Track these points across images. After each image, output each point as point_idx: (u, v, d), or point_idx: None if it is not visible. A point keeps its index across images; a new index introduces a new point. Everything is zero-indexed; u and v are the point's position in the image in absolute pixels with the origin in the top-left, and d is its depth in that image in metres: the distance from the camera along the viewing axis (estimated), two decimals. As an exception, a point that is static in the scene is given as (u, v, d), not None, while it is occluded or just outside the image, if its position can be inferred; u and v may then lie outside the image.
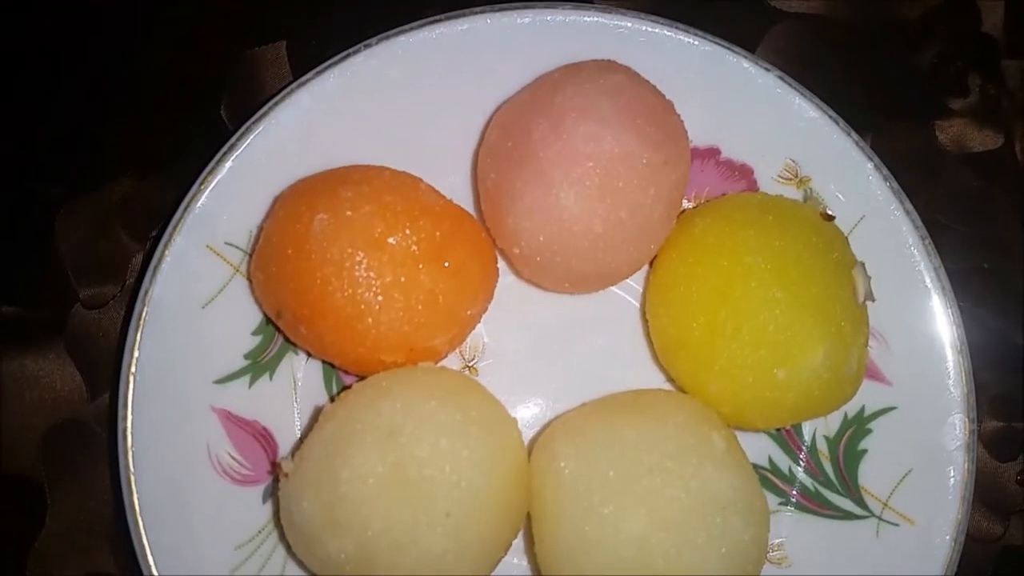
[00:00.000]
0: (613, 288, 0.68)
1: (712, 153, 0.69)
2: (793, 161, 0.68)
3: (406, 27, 0.66)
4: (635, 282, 0.68)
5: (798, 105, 0.68)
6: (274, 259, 0.59)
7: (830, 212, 0.63)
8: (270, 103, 0.65)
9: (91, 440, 0.69)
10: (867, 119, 0.76)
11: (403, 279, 0.57)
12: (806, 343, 0.56)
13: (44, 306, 0.71)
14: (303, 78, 0.66)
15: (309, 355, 0.65)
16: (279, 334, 0.64)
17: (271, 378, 0.64)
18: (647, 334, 0.66)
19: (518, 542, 0.61)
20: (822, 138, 0.67)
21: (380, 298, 0.56)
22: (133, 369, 0.60)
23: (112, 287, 0.72)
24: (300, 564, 0.59)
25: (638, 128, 0.58)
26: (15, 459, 0.68)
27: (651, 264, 0.65)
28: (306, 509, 0.53)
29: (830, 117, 0.67)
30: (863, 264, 0.61)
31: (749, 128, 0.68)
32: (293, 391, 0.65)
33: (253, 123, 0.65)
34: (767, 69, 0.68)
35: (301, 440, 0.63)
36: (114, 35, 0.77)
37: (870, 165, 0.67)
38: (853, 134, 0.67)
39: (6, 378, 0.70)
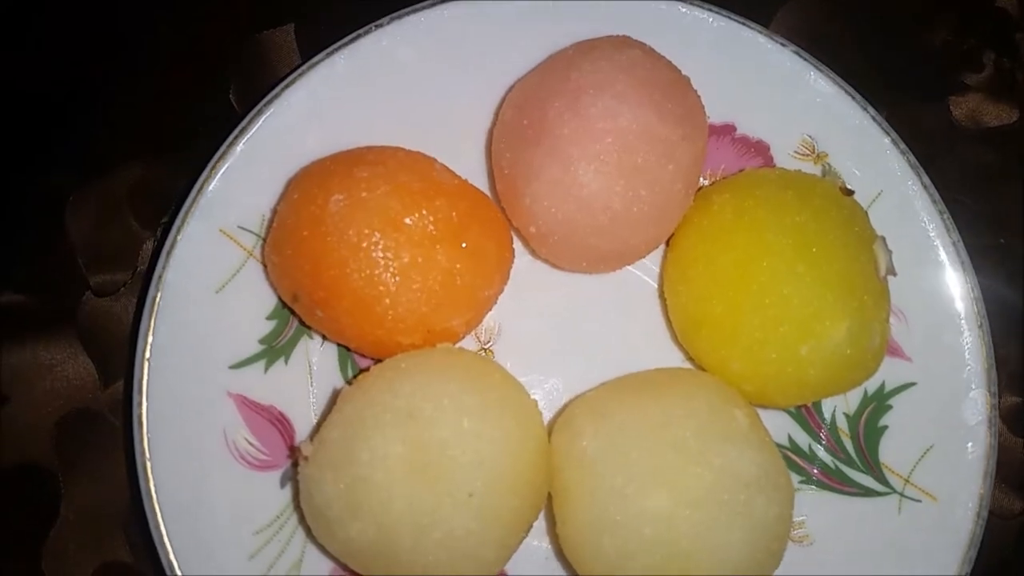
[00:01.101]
0: (629, 267, 0.67)
1: (728, 130, 0.68)
2: (810, 137, 0.68)
3: (417, 6, 0.66)
4: (651, 262, 0.67)
5: (814, 80, 0.67)
6: (289, 242, 0.58)
7: (849, 187, 0.63)
8: (280, 85, 0.64)
9: (104, 429, 0.68)
10: (880, 95, 0.74)
11: (420, 260, 0.56)
12: (829, 318, 0.55)
13: (54, 294, 0.71)
14: (313, 59, 0.65)
15: (324, 339, 0.64)
16: (294, 318, 0.63)
17: (286, 362, 0.63)
18: (665, 313, 0.66)
19: (539, 523, 0.60)
20: (839, 113, 0.67)
21: (398, 279, 0.56)
22: (148, 355, 0.59)
23: (123, 274, 0.71)
24: (320, 547, 0.58)
25: (656, 103, 0.58)
26: (28, 449, 0.68)
27: (668, 243, 0.65)
28: (326, 492, 0.53)
29: (846, 92, 0.67)
30: (884, 238, 0.60)
31: (765, 104, 0.68)
32: (308, 375, 0.64)
33: (264, 105, 0.64)
34: (783, 44, 0.67)
35: (319, 424, 0.62)
36: (121, 21, 0.76)
37: (887, 140, 0.66)
38: (870, 109, 0.67)
39: (18, 367, 0.69)
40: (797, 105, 0.67)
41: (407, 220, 0.56)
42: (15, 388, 0.68)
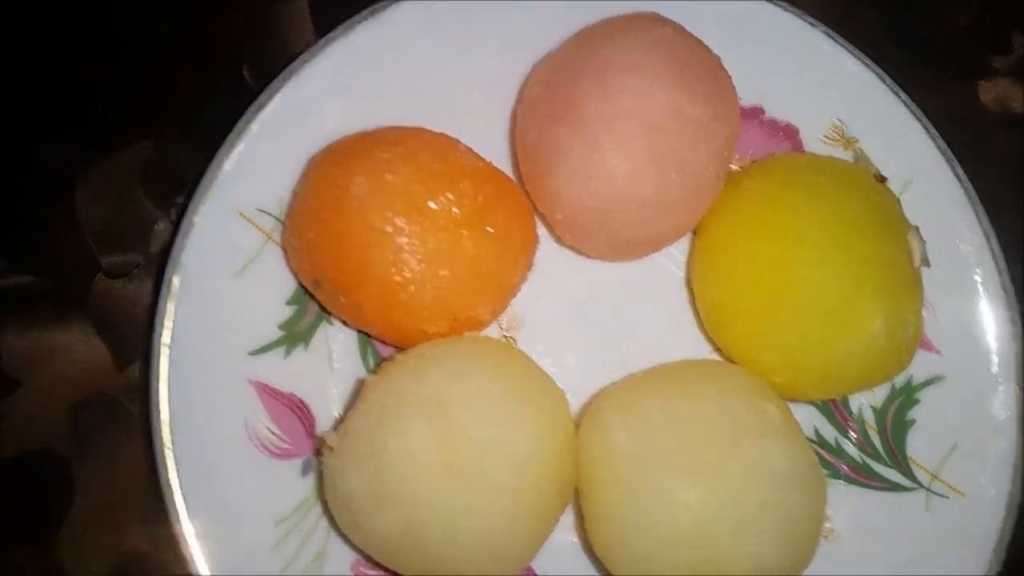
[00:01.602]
0: (655, 255, 0.65)
1: (756, 113, 0.67)
2: (839, 121, 0.66)
3: (439, -20, 0.64)
4: (677, 250, 0.66)
5: (845, 63, 0.65)
6: (311, 226, 0.56)
7: (882, 174, 0.61)
8: (297, 61, 0.63)
9: (120, 414, 0.66)
10: (906, 78, 0.72)
11: (447, 245, 0.54)
12: (865, 309, 0.54)
13: (65, 276, 0.68)
14: (331, 35, 0.63)
15: (344, 324, 0.63)
16: (313, 303, 0.62)
17: (306, 348, 0.62)
18: (692, 303, 0.64)
19: (565, 518, 0.58)
20: (870, 97, 0.65)
21: (423, 265, 0.54)
22: (166, 340, 0.58)
23: (136, 255, 0.69)
24: (344, 539, 0.57)
25: (687, 83, 0.56)
26: (41, 434, 0.66)
27: (695, 230, 0.63)
28: (352, 483, 0.52)
29: (877, 76, 0.66)
30: (918, 228, 0.59)
31: (794, 87, 0.66)
32: (329, 362, 0.62)
33: (279, 82, 0.62)
34: (812, 24, 0.65)
35: (343, 413, 0.61)
36: (121, 21, 0.74)
37: (919, 125, 0.65)
38: (902, 94, 0.65)
39: (28, 351, 0.67)
40: (827, 88, 0.66)
41: (431, 204, 0.55)
42: (27, 372, 0.67)
